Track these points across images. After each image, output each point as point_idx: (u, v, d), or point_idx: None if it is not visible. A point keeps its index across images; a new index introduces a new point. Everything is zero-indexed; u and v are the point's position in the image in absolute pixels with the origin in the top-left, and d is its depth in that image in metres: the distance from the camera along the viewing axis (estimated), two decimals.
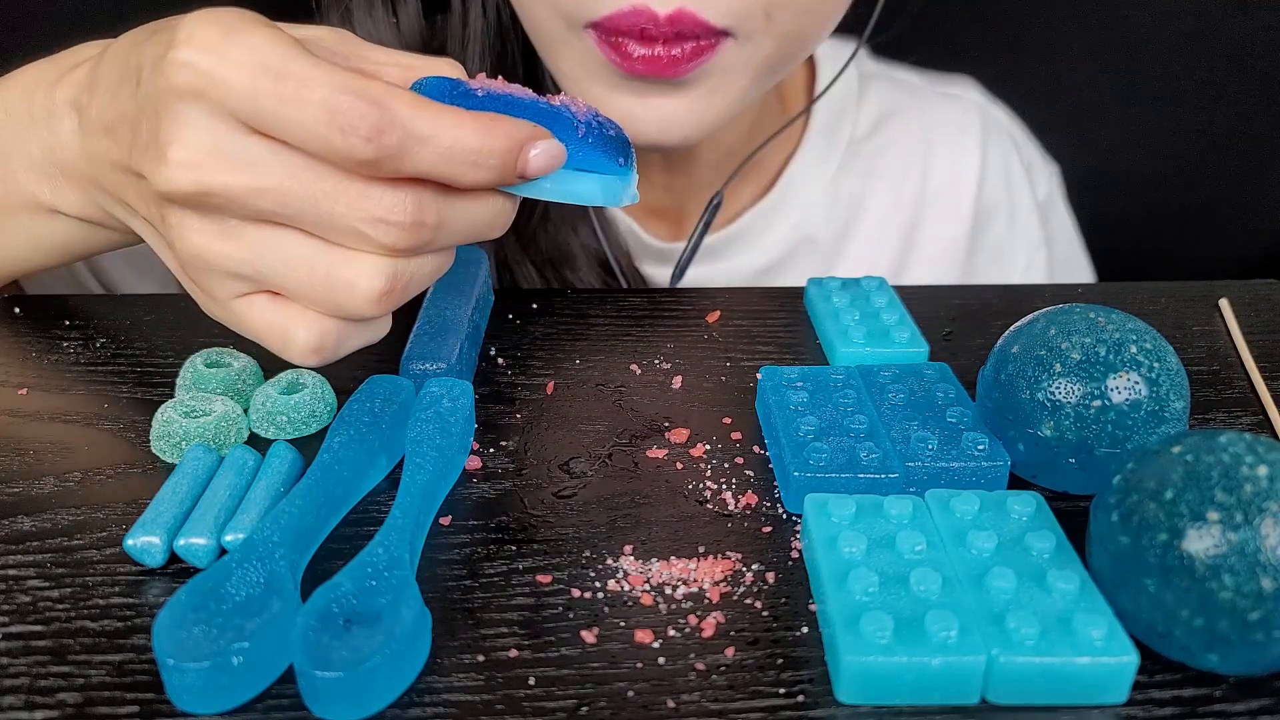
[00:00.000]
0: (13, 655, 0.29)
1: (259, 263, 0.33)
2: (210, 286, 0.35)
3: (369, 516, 0.35)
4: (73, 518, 0.34)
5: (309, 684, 0.27)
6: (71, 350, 0.44)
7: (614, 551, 0.33)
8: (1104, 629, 0.28)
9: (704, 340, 0.46)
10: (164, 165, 0.32)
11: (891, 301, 0.47)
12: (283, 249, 0.33)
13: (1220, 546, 0.27)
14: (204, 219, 0.33)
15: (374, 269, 0.33)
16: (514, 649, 0.30)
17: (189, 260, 0.34)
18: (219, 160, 0.32)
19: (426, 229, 0.33)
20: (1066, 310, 0.36)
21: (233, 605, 0.28)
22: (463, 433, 0.37)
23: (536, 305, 0.49)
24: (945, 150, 0.68)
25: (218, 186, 0.32)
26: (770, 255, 0.64)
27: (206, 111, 0.32)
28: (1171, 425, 0.34)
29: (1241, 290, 0.51)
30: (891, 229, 0.67)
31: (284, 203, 0.32)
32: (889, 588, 0.30)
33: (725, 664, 0.29)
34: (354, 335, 0.35)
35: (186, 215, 0.33)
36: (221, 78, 0.31)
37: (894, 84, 0.70)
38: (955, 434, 0.37)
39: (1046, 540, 0.31)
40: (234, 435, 0.38)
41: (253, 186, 0.32)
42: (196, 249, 0.34)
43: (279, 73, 0.30)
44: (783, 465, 0.36)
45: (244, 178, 0.32)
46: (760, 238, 0.64)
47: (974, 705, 0.28)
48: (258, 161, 0.32)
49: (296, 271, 0.33)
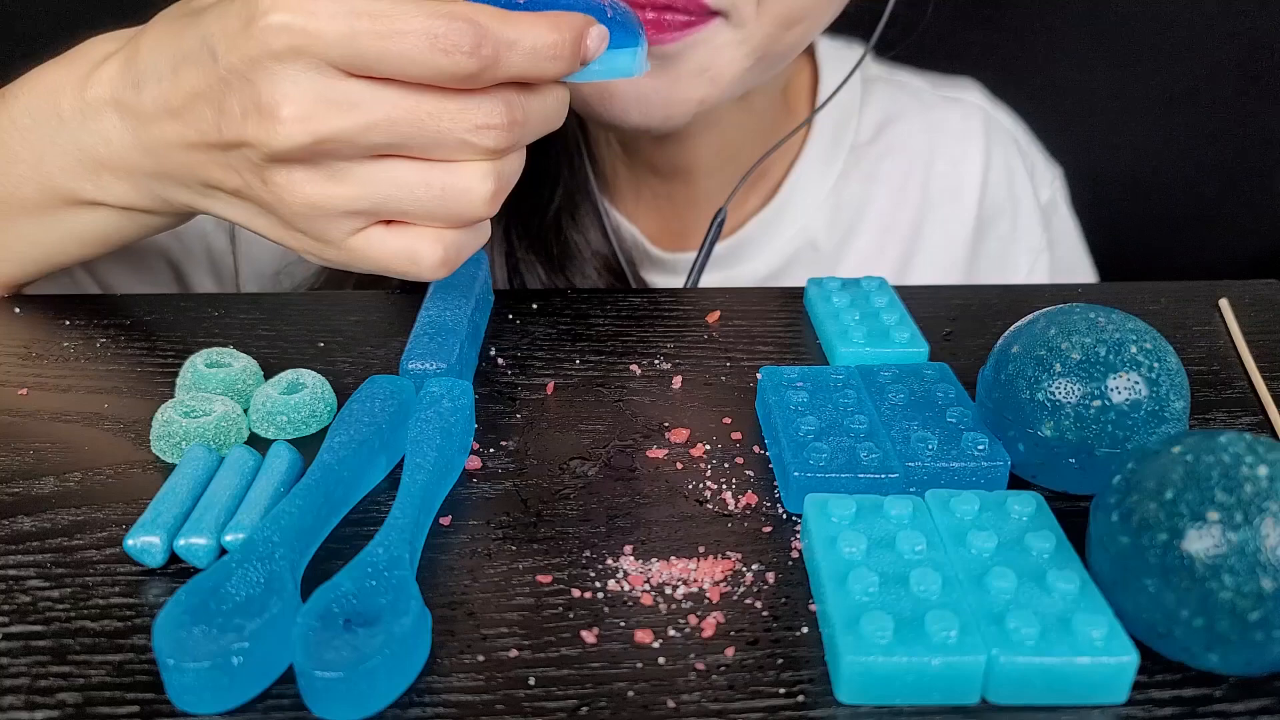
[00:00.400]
0: (13, 655, 0.29)
1: (374, 196, 0.36)
2: (325, 232, 0.37)
3: (369, 516, 0.35)
4: (73, 518, 0.34)
5: (309, 684, 0.27)
6: (71, 350, 0.44)
7: (614, 551, 0.33)
8: (1104, 629, 0.28)
9: (704, 340, 0.46)
10: (277, 125, 0.34)
11: (891, 301, 0.47)
12: (395, 177, 0.36)
13: (1220, 546, 0.27)
14: (312, 169, 0.36)
15: (482, 173, 0.36)
16: (514, 649, 0.30)
17: (301, 212, 0.36)
18: (328, 108, 0.34)
19: (519, 126, 0.36)
20: (1066, 310, 0.36)
21: (233, 605, 0.28)
22: (463, 433, 0.37)
23: (536, 305, 0.49)
24: (948, 154, 0.68)
25: (331, 132, 0.34)
26: (773, 263, 0.64)
27: (305, 66, 0.34)
28: (1171, 425, 0.34)
29: (1241, 290, 0.51)
30: (894, 233, 0.67)
31: (393, 132, 0.35)
32: (889, 588, 0.30)
33: (725, 664, 0.29)
34: (470, 240, 0.39)
35: (294, 170, 0.36)
36: (318, 32, 0.33)
37: (897, 88, 0.70)
38: (955, 434, 0.37)
39: (1046, 540, 0.31)
40: (234, 435, 0.38)
41: (363, 124, 0.34)
42: (311, 198, 0.36)
43: (371, 14, 0.33)
44: (783, 465, 0.36)
45: (353, 118, 0.34)
46: (764, 246, 0.64)
47: (974, 705, 0.28)
48: (361, 100, 0.34)
49: (413, 193, 0.36)
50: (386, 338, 0.46)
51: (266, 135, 0.35)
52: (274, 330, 0.46)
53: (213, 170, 0.38)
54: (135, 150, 0.40)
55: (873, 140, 0.67)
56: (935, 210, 0.67)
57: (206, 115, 0.37)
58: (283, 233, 0.39)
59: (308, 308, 0.48)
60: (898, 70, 0.72)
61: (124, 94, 0.40)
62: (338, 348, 0.45)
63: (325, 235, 0.37)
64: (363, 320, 0.47)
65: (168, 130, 0.38)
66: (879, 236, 0.66)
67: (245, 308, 0.48)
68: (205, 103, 0.36)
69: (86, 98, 0.41)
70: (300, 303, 0.49)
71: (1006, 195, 0.69)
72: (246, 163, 0.36)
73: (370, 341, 0.45)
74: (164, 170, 0.40)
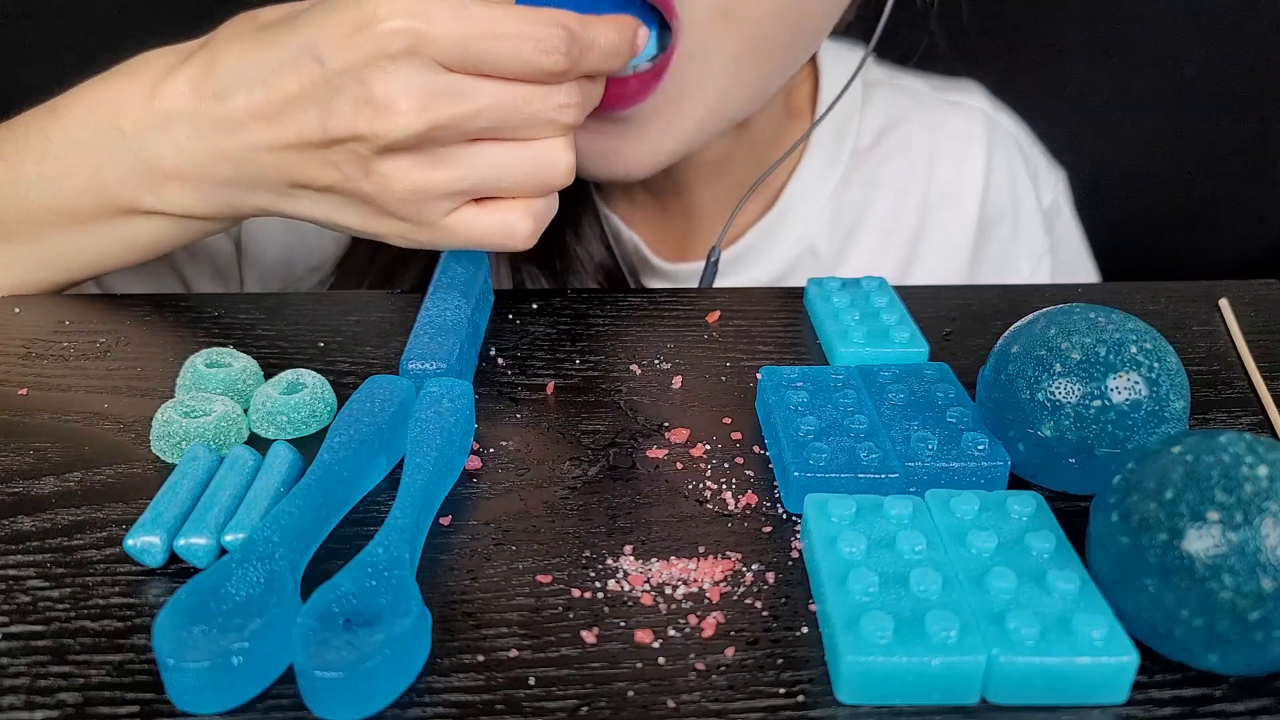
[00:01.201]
0: (13, 655, 0.29)
1: (474, 176, 0.40)
2: (425, 214, 0.41)
3: (369, 516, 0.35)
4: (73, 518, 0.34)
5: (309, 684, 0.27)
6: (71, 350, 0.44)
7: (614, 551, 0.33)
8: (1104, 629, 0.28)
9: (704, 340, 0.46)
10: (394, 117, 0.38)
11: (891, 301, 0.47)
12: (492, 157, 0.40)
13: (1220, 546, 0.27)
14: (417, 156, 0.40)
15: (563, 145, 0.41)
16: (514, 649, 0.30)
17: (405, 198, 0.40)
18: (440, 99, 0.38)
19: (589, 103, 0.42)
20: (1066, 310, 0.36)
21: (233, 605, 0.28)
22: (463, 433, 0.37)
23: (536, 305, 0.49)
24: (949, 158, 0.68)
25: (444, 119, 0.38)
26: (774, 270, 0.64)
27: (418, 65, 0.38)
28: (1171, 425, 0.34)
29: (1241, 290, 0.51)
30: (895, 238, 0.66)
31: (494, 117, 0.39)
32: (889, 588, 0.30)
33: (725, 664, 0.29)
34: (550, 209, 0.43)
35: (399, 159, 0.40)
36: (433, 35, 0.37)
37: (898, 91, 0.69)
38: (955, 434, 0.37)
39: (1046, 540, 0.31)
40: (234, 435, 0.38)
41: (470, 110, 0.39)
42: (417, 184, 0.40)
43: (479, 18, 0.38)
44: (783, 465, 0.36)
45: (462, 106, 0.39)
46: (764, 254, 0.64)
47: (974, 705, 0.28)
48: (465, 91, 0.39)
49: (509, 169, 0.41)
50: (386, 338, 0.46)
51: (385, 127, 0.38)
52: (274, 330, 0.46)
53: (307, 168, 0.41)
54: (215, 158, 0.42)
55: (874, 145, 0.67)
56: (937, 214, 0.67)
57: (308, 116, 0.39)
58: (374, 220, 0.42)
59: (308, 308, 0.48)
60: (899, 73, 0.71)
61: (203, 104, 0.42)
62: (338, 348, 0.45)
63: (425, 217, 0.41)
64: (363, 320, 0.47)
65: (260, 135, 0.41)
66: (880, 241, 0.66)
67: (245, 308, 0.48)
68: (307, 105, 0.39)
69: (156, 110, 0.43)
70: (300, 303, 0.49)
71: (1008, 199, 0.69)
72: (352, 156, 0.40)
73: (370, 341, 0.45)
74: (245, 175, 0.42)
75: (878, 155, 0.67)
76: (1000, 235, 0.69)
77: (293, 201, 0.43)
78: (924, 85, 0.71)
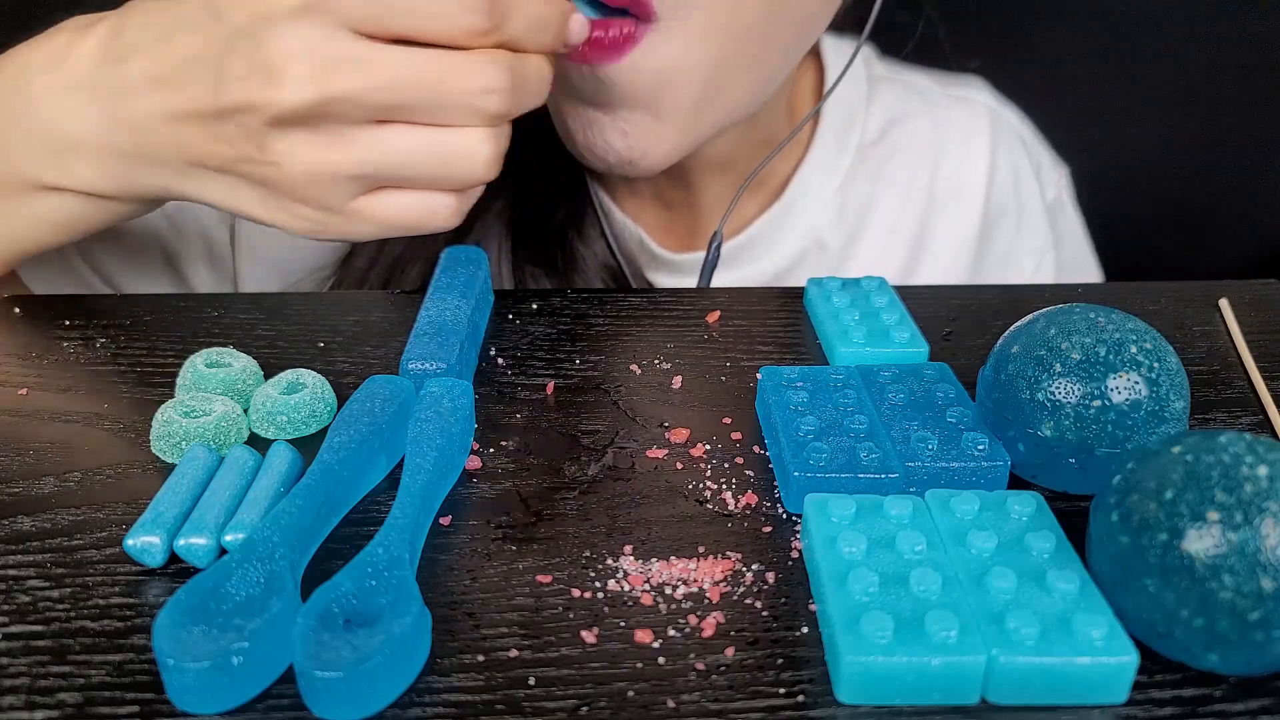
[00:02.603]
0: (13, 655, 0.29)
1: (377, 160, 0.36)
2: (326, 198, 0.37)
3: (369, 516, 0.35)
4: (73, 518, 0.34)
5: (309, 684, 0.27)
6: (71, 350, 0.44)
7: (614, 551, 0.33)
8: (1104, 629, 0.28)
9: (704, 340, 0.46)
10: (283, 83, 0.34)
11: (891, 301, 0.47)
12: (398, 141, 0.36)
13: (1220, 546, 0.27)
14: (314, 133, 0.36)
15: (483, 138, 0.37)
16: (514, 649, 0.30)
17: (302, 179, 0.36)
18: (338, 66, 0.34)
19: (519, 93, 0.37)
20: (1066, 310, 0.36)
21: (233, 605, 0.28)
22: (463, 433, 0.37)
23: (536, 305, 0.49)
24: (954, 153, 0.68)
25: (340, 91, 0.34)
26: (779, 263, 0.64)
27: (316, 24, 0.34)
28: (1171, 425, 0.34)
29: (1241, 290, 0.51)
30: (901, 233, 0.66)
31: (401, 95, 0.35)
32: (889, 588, 0.30)
33: (725, 664, 0.29)
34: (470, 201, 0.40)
35: (295, 135, 0.35)
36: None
37: (903, 87, 0.70)
38: (955, 434, 0.37)
39: (1046, 540, 0.31)
40: (234, 435, 0.38)
41: (372, 84, 0.34)
42: (312, 163, 0.36)
43: None
44: (783, 465, 0.36)
45: (362, 79, 0.34)
46: (769, 246, 0.64)
47: (974, 705, 0.28)
48: (370, 60, 0.34)
49: (415, 158, 0.36)
50: (386, 338, 0.46)
51: (274, 94, 0.34)
52: (274, 330, 0.46)
53: (201, 143, 0.37)
54: (111, 127, 0.39)
55: (879, 140, 0.67)
56: (942, 210, 0.67)
57: (202, 81, 0.36)
58: (274, 208, 0.38)
59: (308, 308, 0.48)
60: (904, 70, 0.71)
61: (105, 69, 0.39)
62: (338, 348, 0.45)
63: (327, 202, 0.37)
64: (363, 320, 0.47)
65: (154, 101, 0.37)
66: (886, 236, 0.66)
67: (245, 308, 0.48)
68: (200, 68, 0.36)
69: (61, 75, 0.40)
70: (300, 303, 0.49)
71: (1012, 194, 0.69)
72: (243, 130, 0.36)
73: (370, 341, 0.45)
74: (143, 148, 0.39)
75: (883, 150, 0.67)
76: (1005, 231, 0.69)
77: (192, 182, 0.39)
78: (929, 81, 0.71)
